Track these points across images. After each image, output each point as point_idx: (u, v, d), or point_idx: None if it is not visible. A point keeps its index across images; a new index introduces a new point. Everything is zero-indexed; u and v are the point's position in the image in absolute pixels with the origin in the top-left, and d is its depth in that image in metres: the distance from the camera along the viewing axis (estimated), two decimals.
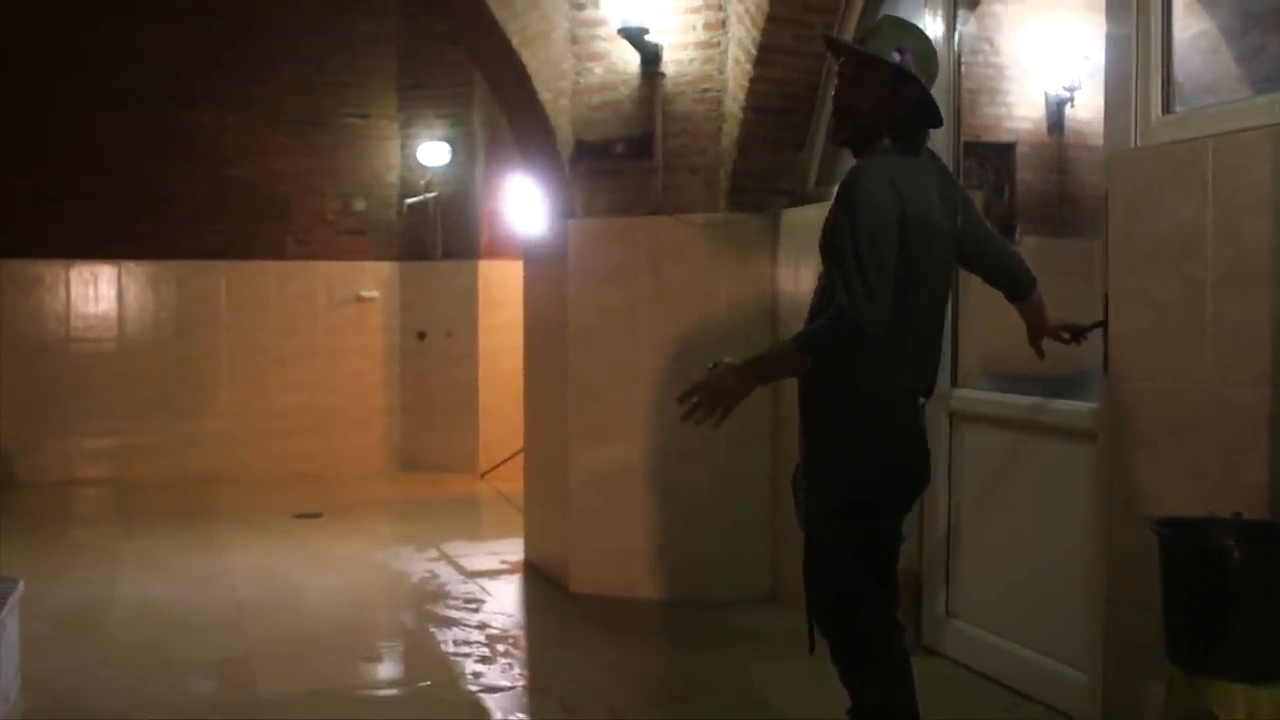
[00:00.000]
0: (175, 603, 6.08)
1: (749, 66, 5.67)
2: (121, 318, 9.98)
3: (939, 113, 3.29)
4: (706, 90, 5.89)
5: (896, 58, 3.17)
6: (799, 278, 5.74)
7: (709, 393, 3.16)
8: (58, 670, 4.90)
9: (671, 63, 5.91)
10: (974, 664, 4.80)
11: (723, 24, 5.82)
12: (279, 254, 10.20)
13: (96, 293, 9.94)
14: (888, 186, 3.09)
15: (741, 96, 5.75)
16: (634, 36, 5.83)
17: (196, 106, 9.93)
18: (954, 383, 4.96)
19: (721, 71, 5.84)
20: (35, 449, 9.70)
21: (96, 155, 9.75)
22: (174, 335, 10.05)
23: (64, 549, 7.45)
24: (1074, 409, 4.25)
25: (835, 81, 3.33)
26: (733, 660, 5.18)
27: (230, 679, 4.89)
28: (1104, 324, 3.81)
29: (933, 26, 5.07)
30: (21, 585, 4.63)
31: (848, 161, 5.75)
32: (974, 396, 4.86)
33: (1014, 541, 4.62)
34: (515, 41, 5.99)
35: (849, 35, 5.75)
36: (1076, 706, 4.18)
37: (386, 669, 5.27)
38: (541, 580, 6.49)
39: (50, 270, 9.83)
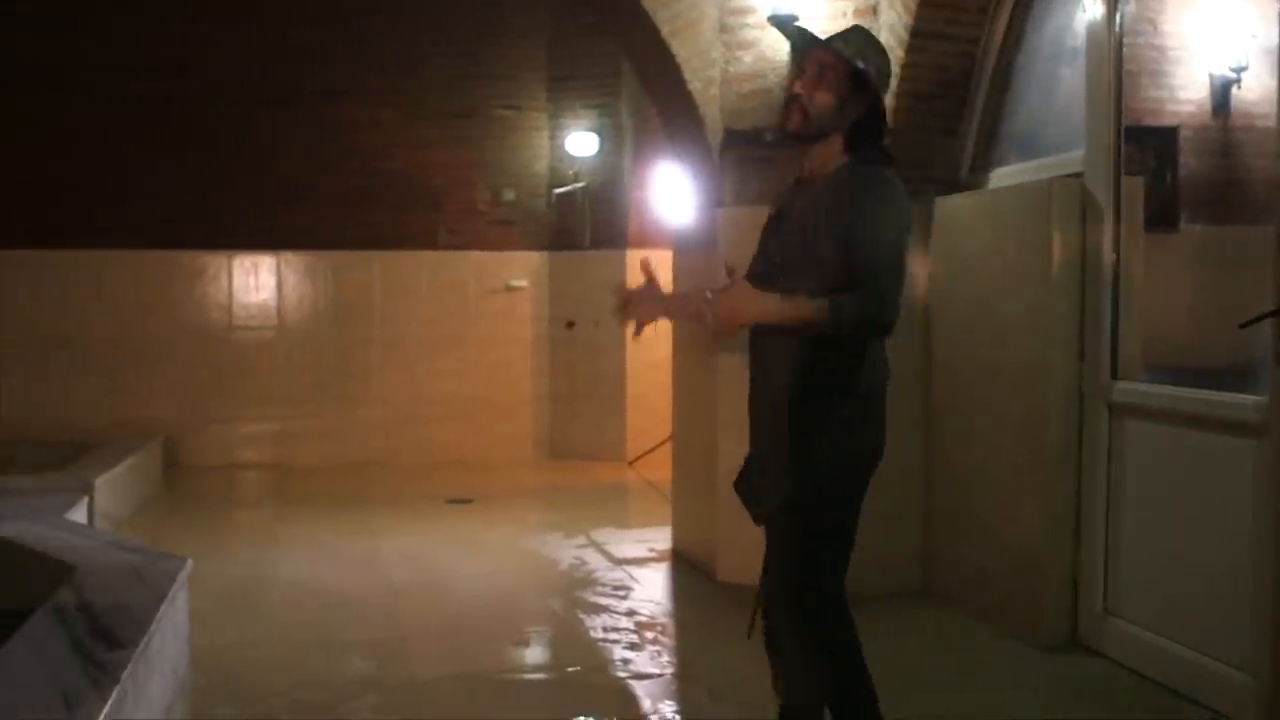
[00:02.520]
0: (332, 584, 6.25)
1: (900, 52, 5.59)
2: (280, 307, 10.27)
3: (885, 129, 3.36)
4: None
5: (861, 65, 3.25)
6: (952, 266, 5.65)
7: (724, 308, 3.10)
8: (223, 646, 5.07)
9: None
10: (1132, 663, 4.67)
11: (874, 9, 5.74)
12: (430, 244, 10.39)
13: (257, 282, 10.25)
14: (905, 196, 3.24)
15: (893, 83, 5.67)
16: (783, 24, 5.78)
17: (352, 101, 10.17)
18: (1114, 375, 4.83)
19: None
20: (199, 433, 10.05)
21: (257, 150, 10.05)
22: (330, 324, 10.31)
23: (227, 530, 7.71)
24: (1242, 402, 4.10)
25: (794, 71, 3.37)
26: (879, 654, 5.13)
27: (386, 659, 5.00)
28: (1276, 313, 3.66)
29: (1093, 7, 4.94)
30: (190, 563, 4.80)
31: (1004, 149, 5.68)
32: (1135, 389, 4.73)
33: (1177, 538, 4.49)
34: (665, 31, 6.00)
35: (1004, 18, 5.64)
36: (1241, 711, 4.04)
37: (536, 653, 5.34)
38: (689, 569, 6.50)
39: (214, 261, 10.17)
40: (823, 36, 3.37)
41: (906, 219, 3.24)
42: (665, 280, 3.55)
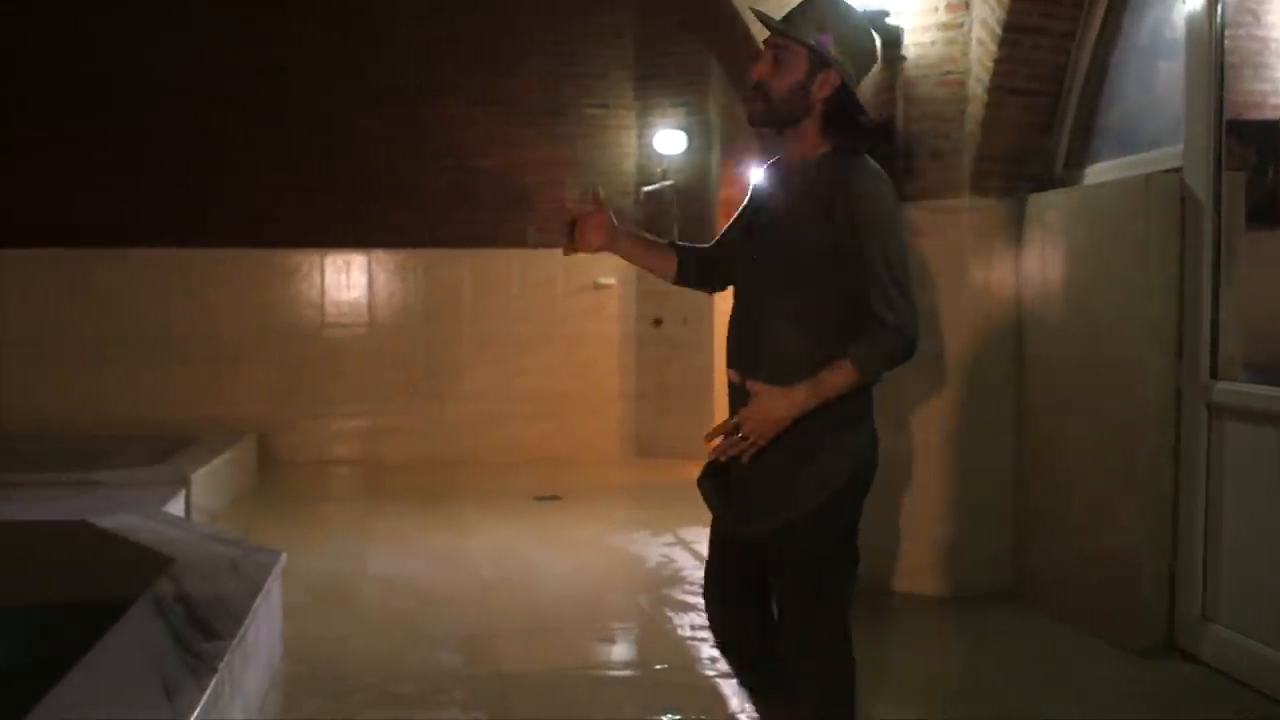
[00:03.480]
0: (422, 579, 6.31)
1: (994, 47, 5.52)
2: (371, 304, 10.40)
3: (860, 107, 3.09)
4: (949, 73, 5.75)
5: (812, 42, 2.99)
6: (1046, 264, 5.57)
7: (759, 424, 2.93)
8: (316, 639, 5.14)
9: (912, 45, 5.79)
10: (1231, 670, 4.58)
11: (966, 4, 5.67)
12: (520, 242, 10.45)
13: (349, 280, 10.38)
14: (892, 189, 3.04)
15: (986, 78, 5.60)
16: (874, 20, 5.73)
17: (445, 100, 10.27)
18: (1214, 374, 4.73)
19: (965, 53, 5.69)
20: (292, 429, 10.21)
21: (350, 148, 10.19)
22: (420, 321, 10.42)
23: (319, 524, 7.82)
24: None
25: (757, 60, 3.09)
26: (969, 658, 5.08)
27: (475, 654, 5.04)
28: None
29: None
30: (284, 557, 4.88)
31: (1099, 145, 5.58)
32: (1236, 389, 4.62)
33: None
34: (755, 28, 5.98)
35: (1100, 11, 5.54)
36: None
37: (623, 650, 5.35)
38: None
39: (307, 259, 10.32)
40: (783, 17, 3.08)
41: (900, 215, 3.09)
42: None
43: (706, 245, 3.45)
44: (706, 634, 5.25)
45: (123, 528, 5.37)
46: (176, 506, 6.33)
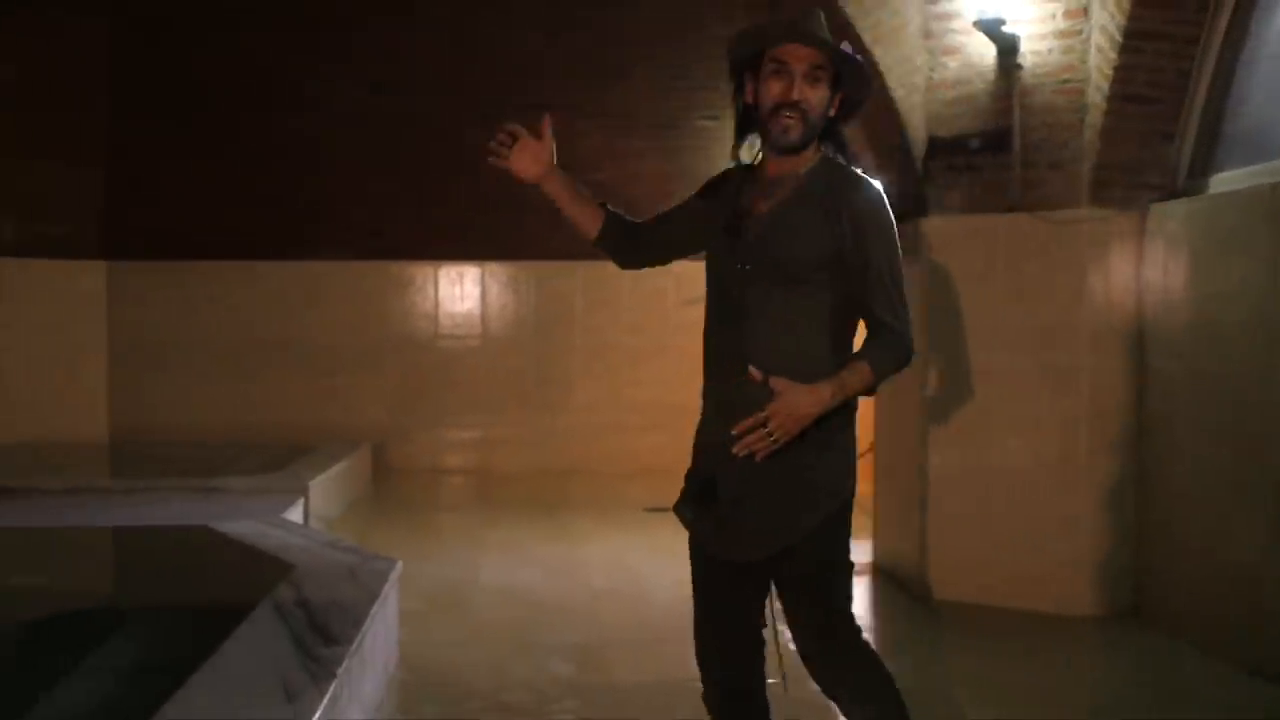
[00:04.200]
0: (534, 588, 6.36)
1: (1113, 54, 5.41)
2: (484, 315, 10.52)
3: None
4: (1067, 81, 5.66)
5: (847, 48, 3.04)
6: (1169, 275, 5.44)
7: (786, 419, 2.88)
8: (430, 646, 5.20)
9: (1029, 54, 5.70)
10: None
11: (1085, 10, 5.56)
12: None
13: (462, 292, 10.52)
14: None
15: (1105, 86, 5.50)
16: (990, 28, 5.66)
17: (561, 114, 10.24)
18: None
19: (1083, 61, 5.59)
20: (407, 438, 10.36)
21: (463, 162, 10.30)
22: (532, 333, 10.51)
23: (432, 533, 7.93)
24: None
25: (784, 78, 3.03)
26: (1089, 677, 4.98)
27: (587, 664, 5.07)
28: None
29: None
30: (400, 565, 4.95)
31: (1225, 153, 5.44)
32: None
33: None
34: (868, 39, 5.94)
35: (1226, 15, 5.41)
36: None
37: None
38: (891, 583, 6.40)
39: (421, 271, 10.48)
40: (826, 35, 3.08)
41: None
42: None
43: (638, 220, 3.46)
44: None
45: (244, 534, 5.50)
46: (295, 513, 6.46)
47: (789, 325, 3.01)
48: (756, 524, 3.03)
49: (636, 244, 3.43)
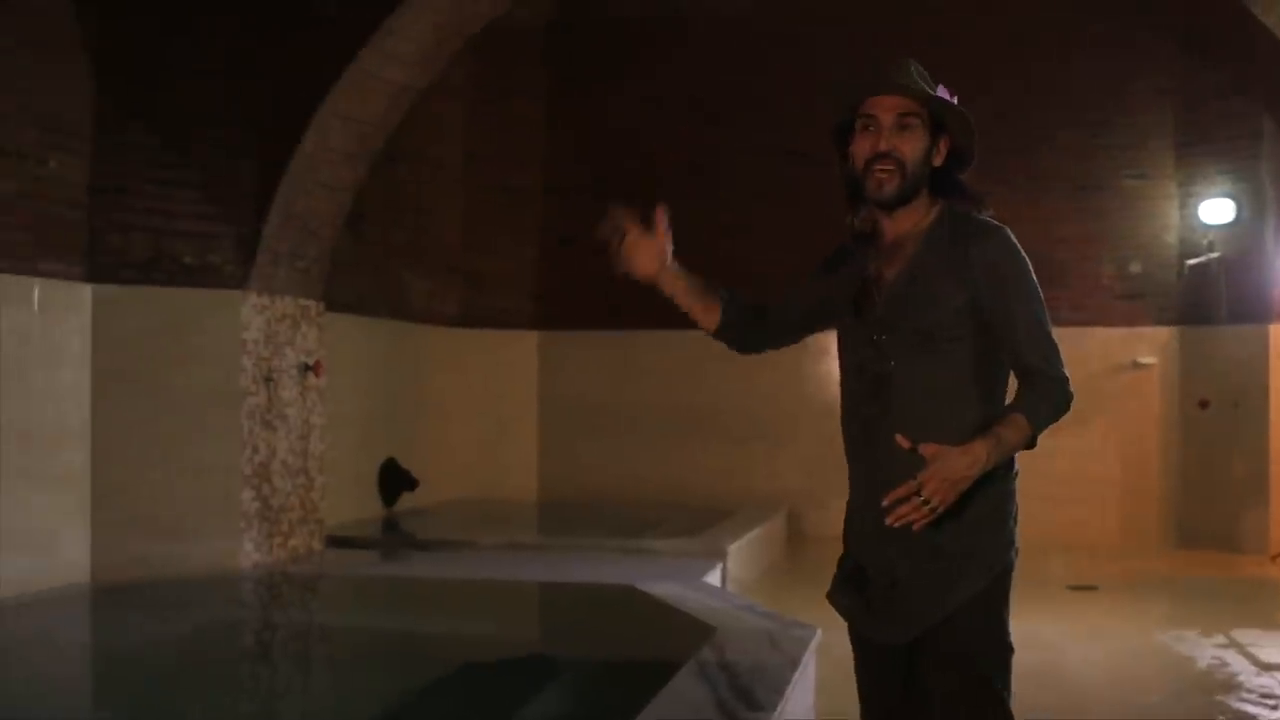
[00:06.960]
0: None
1: None
2: None
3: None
4: None
5: (945, 93, 2.86)
6: None
7: (941, 484, 2.70)
8: (844, 716, 5.18)
9: None
10: None
11: None
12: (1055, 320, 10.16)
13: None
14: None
15: None
16: None
17: (972, 176, 10.20)
18: None
19: None
20: (822, 505, 10.34)
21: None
22: None
23: None
24: None
25: (872, 131, 2.85)
26: None
27: None
28: None
29: None
30: (819, 632, 4.98)
31: None
32: None
33: None
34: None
35: None
36: None
37: None
38: None
39: (829, 336, 10.52)
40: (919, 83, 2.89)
41: None
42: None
43: (759, 304, 3.28)
44: None
45: (669, 595, 5.69)
46: (714, 577, 6.63)
47: (933, 390, 2.85)
48: (907, 604, 2.87)
49: (764, 325, 3.31)
